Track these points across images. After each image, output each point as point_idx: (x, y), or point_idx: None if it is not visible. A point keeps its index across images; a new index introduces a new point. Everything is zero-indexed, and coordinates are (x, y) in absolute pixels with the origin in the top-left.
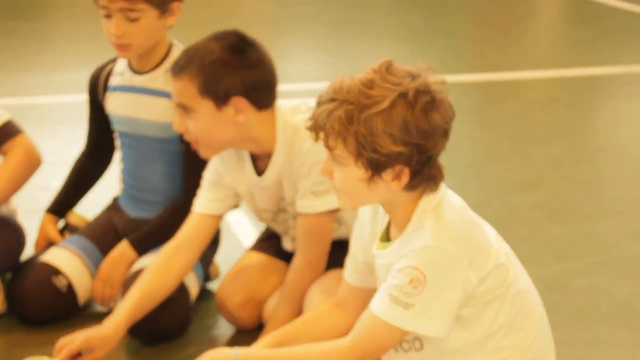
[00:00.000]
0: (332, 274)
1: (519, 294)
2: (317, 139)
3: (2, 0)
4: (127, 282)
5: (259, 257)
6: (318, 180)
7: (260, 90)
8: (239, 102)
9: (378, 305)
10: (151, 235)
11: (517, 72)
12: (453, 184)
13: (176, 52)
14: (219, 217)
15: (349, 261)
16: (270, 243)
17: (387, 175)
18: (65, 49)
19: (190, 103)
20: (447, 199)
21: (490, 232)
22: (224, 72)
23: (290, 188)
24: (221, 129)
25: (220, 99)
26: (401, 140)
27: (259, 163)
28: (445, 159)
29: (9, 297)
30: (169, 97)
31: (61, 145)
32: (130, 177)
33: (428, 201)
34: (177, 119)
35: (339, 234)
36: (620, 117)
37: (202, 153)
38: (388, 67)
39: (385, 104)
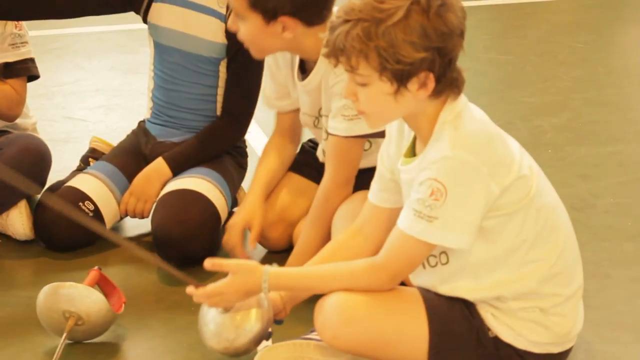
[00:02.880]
0: (358, 195)
1: (543, 207)
2: (336, 64)
3: None
4: (159, 202)
5: (293, 178)
6: (350, 103)
7: (309, 8)
8: (287, 21)
9: (403, 221)
10: (187, 155)
11: None
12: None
13: None
14: (292, 112)
15: (376, 180)
16: (306, 163)
17: (413, 84)
18: None
19: (241, 12)
20: (467, 110)
21: (513, 144)
22: None
23: (326, 101)
24: (268, 41)
25: (269, 15)
26: (422, 46)
27: (307, 66)
28: (469, 84)
29: (35, 224)
30: (220, 18)
31: (83, 76)
32: (163, 94)
33: (449, 111)
34: (231, 18)
35: (370, 159)
36: None
37: (253, 54)
38: None
39: (400, 14)
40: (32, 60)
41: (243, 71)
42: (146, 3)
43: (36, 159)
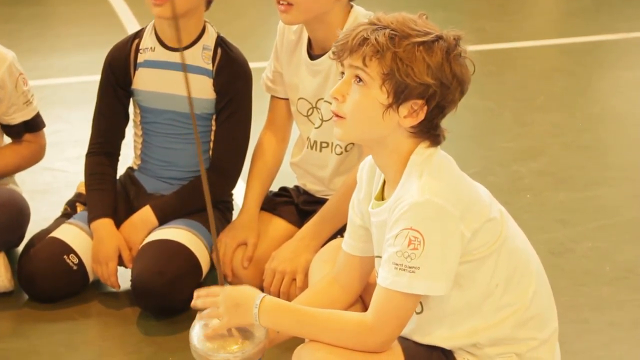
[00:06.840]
0: (337, 241)
1: (514, 250)
2: (342, 59)
3: None
4: (140, 252)
5: (274, 221)
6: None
7: None
8: None
9: (385, 278)
10: (174, 205)
11: (516, 43)
12: (455, 153)
13: (211, 31)
14: (285, 101)
15: (347, 228)
16: (286, 204)
17: (405, 108)
18: (63, 33)
19: None
20: (436, 155)
21: (482, 189)
22: None
23: (333, 85)
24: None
25: None
26: (434, 74)
27: (313, 51)
28: (446, 129)
29: (18, 274)
30: (208, 74)
31: (63, 127)
32: (153, 152)
33: (420, 153)
34: None
35: None
36: (620, 83)
37: (289, 17)
38: (423, 16)
39: (427, 38)
40: (39, 113)
41: (232, 122)
42: (130, 70)
43: (14, 213)
